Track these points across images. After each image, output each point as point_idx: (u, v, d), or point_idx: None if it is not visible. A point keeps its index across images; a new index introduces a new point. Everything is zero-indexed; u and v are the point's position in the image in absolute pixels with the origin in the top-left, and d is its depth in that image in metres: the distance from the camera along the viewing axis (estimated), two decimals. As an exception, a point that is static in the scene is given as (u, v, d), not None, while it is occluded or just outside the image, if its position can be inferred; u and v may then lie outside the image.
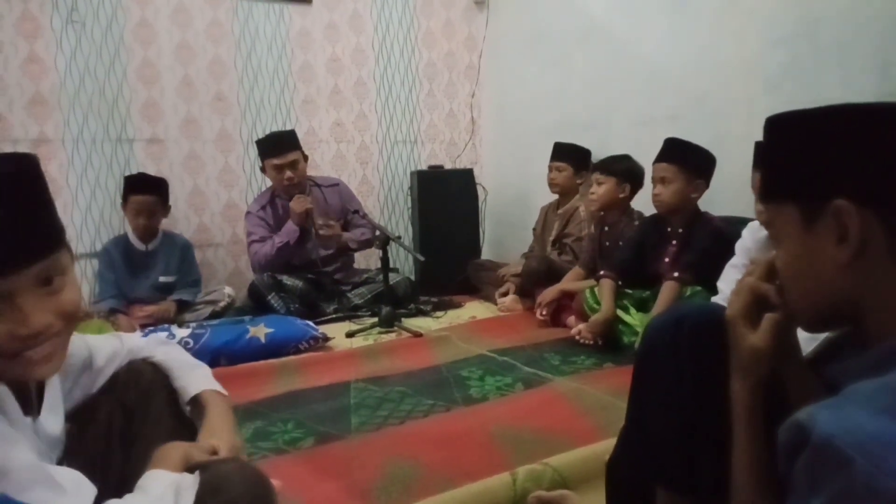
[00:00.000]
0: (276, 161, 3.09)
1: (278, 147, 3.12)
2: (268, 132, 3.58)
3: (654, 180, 2.38)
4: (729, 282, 1.89)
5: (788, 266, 0.72)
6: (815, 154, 0.68)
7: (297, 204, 3.07)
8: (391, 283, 2.98)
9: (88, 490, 0.80)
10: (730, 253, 1.98)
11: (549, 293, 2.78)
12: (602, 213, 2.84)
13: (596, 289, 2.52)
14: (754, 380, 0.75)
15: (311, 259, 3.18)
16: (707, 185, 2.36)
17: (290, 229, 3.10)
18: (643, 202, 2.68)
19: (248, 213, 3.27)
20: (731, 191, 2.40)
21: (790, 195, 0.70)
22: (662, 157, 2.36)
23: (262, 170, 3.22)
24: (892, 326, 0.63)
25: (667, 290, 2.27)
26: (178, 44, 3.42)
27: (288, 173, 3.09)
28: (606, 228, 2.83)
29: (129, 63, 3.32)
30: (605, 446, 1.32)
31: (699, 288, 2.24)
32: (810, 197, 0.67)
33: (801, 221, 0.68)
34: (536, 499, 1.21)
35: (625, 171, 2.76)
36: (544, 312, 2.77)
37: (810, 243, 0.68)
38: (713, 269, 2.07)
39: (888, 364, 0.56)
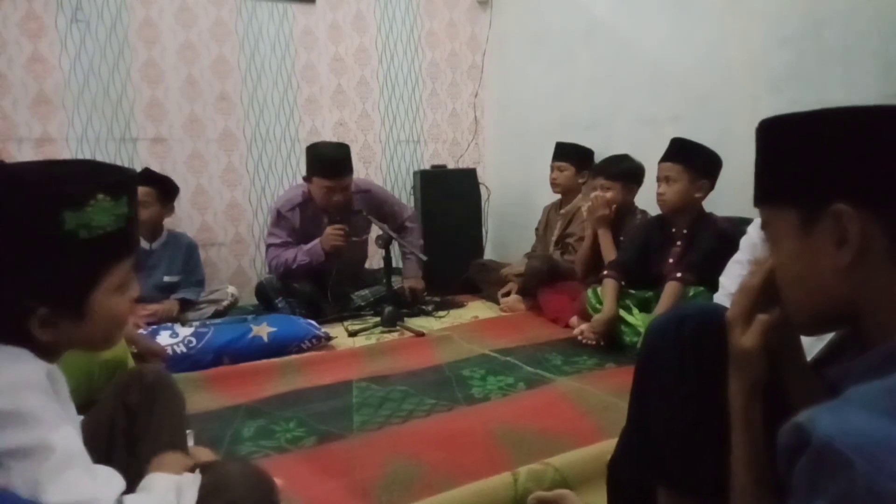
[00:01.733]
0: (328, 184, 2.93)
1: (335, 170, 2.94)
2: (271, 132, 3.60)
3: (659, 180, 2.38)
4: (731, 277, 1.87)
5: (785, 269, 0.72)
6: (813, 157, 0.67)
7: (334, 237, 2.93)
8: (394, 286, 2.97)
9: (118, 483, 0.85)
10: (734, 254, 1.97)
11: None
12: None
13: (599, 289, 2.51)
14: (749, 381, 0.74)
15: (328, 272, 3.08)
16: (712, 187, 2.35)
17: (317, 252, 2.97)
18: (647, 201, 2.67)
19: (275, 209, 3.12)
20: (734, 191, 2.39)
21: (788, 199, 0.69)
22: (668, 156, 2.36)
23: (307, 179, 3.04)
24: (891, 328, 0.63)
25: (669, 291, 2.27)
26: (182, 43, 3.43)
27: (338, 197, 2.96)
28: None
29: (133, 62, 3.33)
30: (607, 446, 1.32)
31: (702, 288, 2.23)
32: (809, 200, 0.67)
33: (800, 225, 0.68)
34: (536, 499, 1.21)
35: (628, 173, 2.75)
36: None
37: (808, 246, 0.67)
38: (717, 270, 2.06)
39: (888, 366, 0.56)
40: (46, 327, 0.82)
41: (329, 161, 2.97)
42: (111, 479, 0.84)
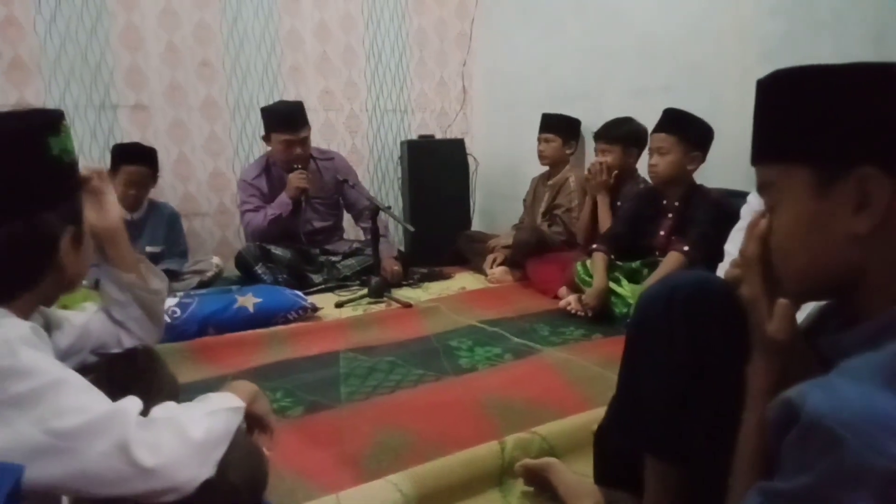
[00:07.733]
0: (287, 137, 3.02)
1: (292, 123, 3.03)
2: (255, 100, 3.52)
3: (651, 151, 2.36)
4: (737, 244, 1.85)
5: (789, 232, 0.67)
6: (840, 112, 0.62)
7: (297, 178, 3.03)
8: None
9: (137, 401, 0.86)
10: (729, 227, 1.96)
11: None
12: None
13: (588, 262, 2.51)
14: (779, 365, 0.69)
15: (299, 233, 3.15)
16: (704, 159, 2.34)
17: (283, 201, 3.07)
18: (642, 171, 2.64)
19: (241, 180, 3.22)
20: (724, 163, 2.38)
21: (803, 156, 0.65)
22: (661, 127, 2.34)
23: (265, 139, 3.14)
24: (888, 299, 0.62)
25: (671, 260, 2.25)
26: (163, 8, 3.32)
27: (297, 150, 3.04)
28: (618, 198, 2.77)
29: (112, 27, 3.23)
30: (593, 416, 1.33)
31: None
32: (830, 159, 0.62)
33: (814, 186, 0.63)
34: (523, 467, 1.22)
35: (628, 136, 2.71)
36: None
37: (822, 210, 0.63)
38: (713, 245, 2.06)
39: (882, 338, 0.55)
40: (72, 249, 0.86)
41: (285, 114, 3.07)
42: (130, 398, 0.84)
